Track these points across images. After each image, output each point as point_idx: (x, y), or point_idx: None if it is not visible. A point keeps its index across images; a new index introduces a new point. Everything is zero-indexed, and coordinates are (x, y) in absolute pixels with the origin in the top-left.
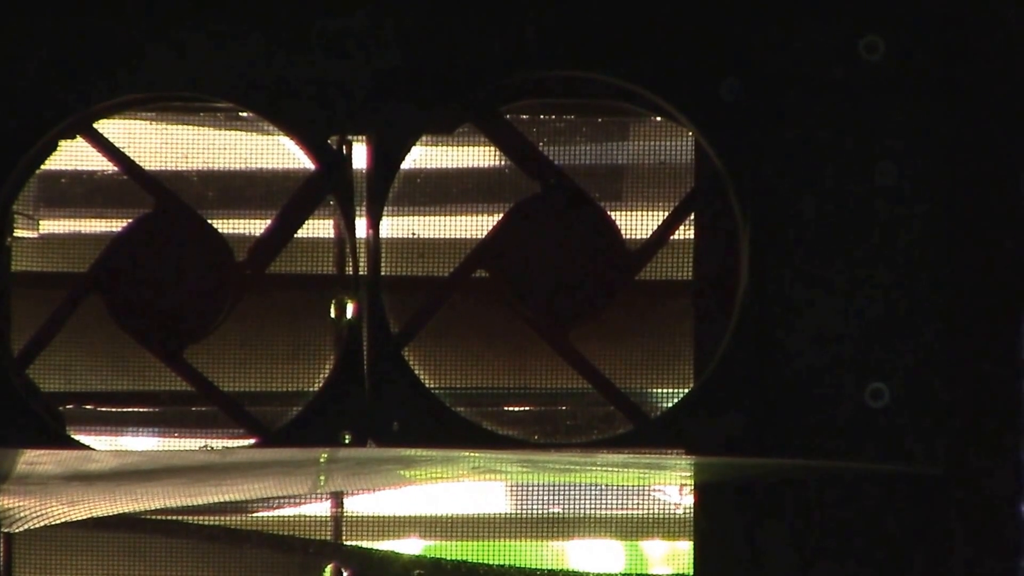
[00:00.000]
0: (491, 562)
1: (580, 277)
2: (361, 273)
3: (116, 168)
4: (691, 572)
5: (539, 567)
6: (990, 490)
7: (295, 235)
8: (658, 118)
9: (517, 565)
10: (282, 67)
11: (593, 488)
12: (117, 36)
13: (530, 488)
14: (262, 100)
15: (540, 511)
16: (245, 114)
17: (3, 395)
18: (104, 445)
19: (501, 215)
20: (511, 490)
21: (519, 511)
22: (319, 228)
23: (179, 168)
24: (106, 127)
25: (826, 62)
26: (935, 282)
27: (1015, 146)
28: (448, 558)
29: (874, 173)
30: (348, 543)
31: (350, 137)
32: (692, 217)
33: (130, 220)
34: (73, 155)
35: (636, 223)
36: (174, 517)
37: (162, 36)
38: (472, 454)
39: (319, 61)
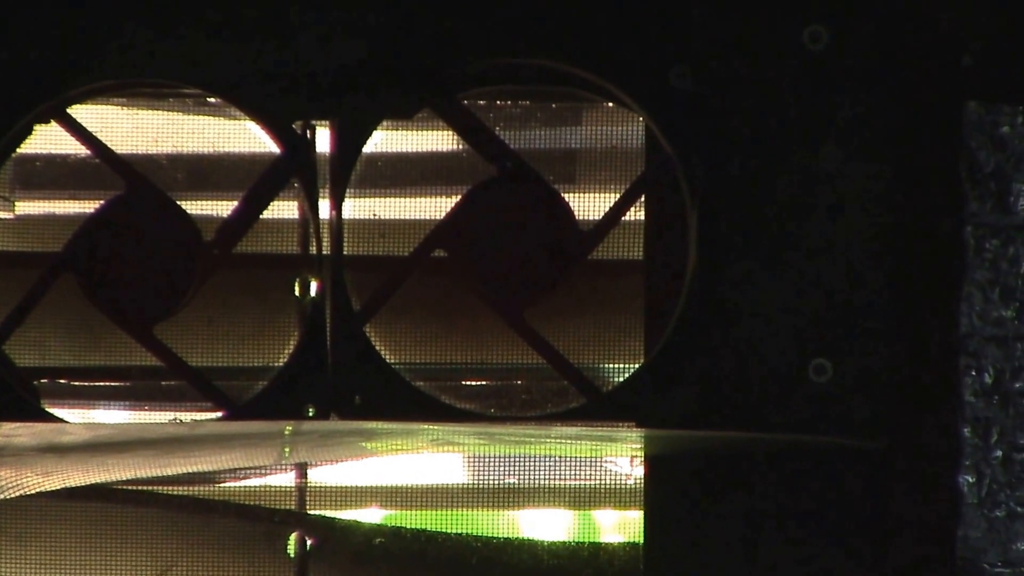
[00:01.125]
0: (449, 531)
1: (535, 256)
2: (324, 253)
3: (89, 152)
4: (641, 541)
5: (495, 536)
6: (929, 462)
7: (261, 216)
8: (610, 104)
9: (474, 534)
10: (249, 55)
11: (547, 460)
12: (90, 24)
13: (486, 460)
14: (229, 87)
15: (496, 482)
16: (213, 100)
17: None
18: (77, 418)
19: (459, 197)
20: (468, 462)
21: (476, 482)
22: (284, 209)
23: (149, 152)
24: (79, 112)
25: (772, 51)
26: (876, 262)
27: (953, 132)
28: (408, 527)
29: (819, 157)
30: (312, 512)
31: (314, 122)
32: (642, 199)
33: (102, 202)
34: (48, 139)
35: (588, 205)
36: (144, 487)
37: (133, 24)
38: (431, 427)
39: (285, 49)
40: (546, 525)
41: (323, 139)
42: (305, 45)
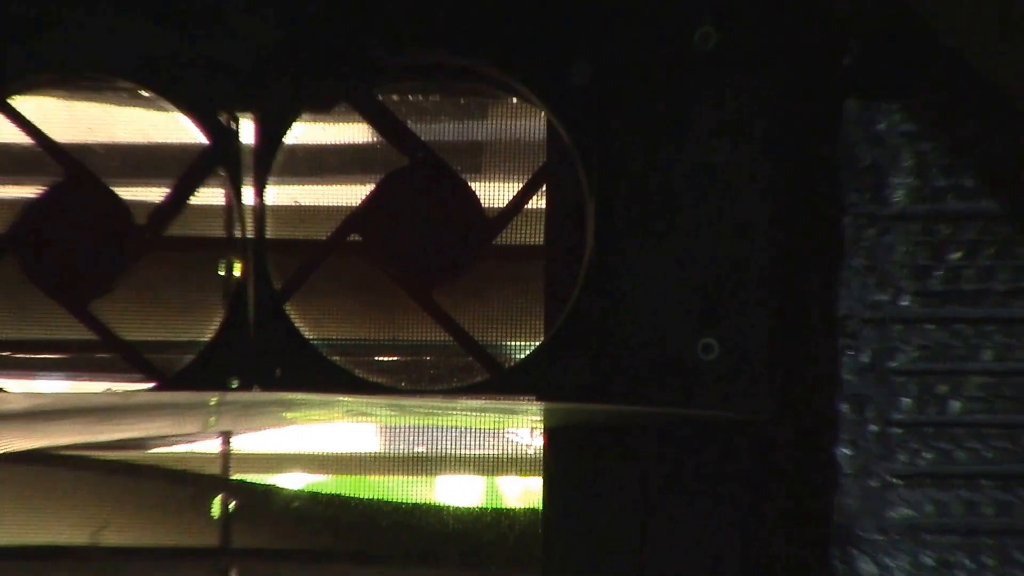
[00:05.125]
0: (361, 496)
1: (443, 241)
2: (248, 236)
3: (30, 140)
4: (540, 507)
5: (405, 501)
6: (809, 435)
7: (189, 202)
8: (514, 99)
9: (384, 499)
10: (179, 51)
11: (454, 430)
12: (29, 19)
13: (398, 430)
14: (160, 81)
15: (406, 451)
16: (145, 93)
17: None
18: (18, 388)
19: (373, 185)
20: (381, 431)
21: (388, 450)
22: (210, 196)
23: (86, 141)
24: (21, 103)
25: (665, 51)
26: (762, 249)
27: (833, 128)
28: (322, 492)
29: (709, 150)
30: (235, 477)
31: (238, 115)
32: (544, 188)
33: (43, 188)
34: None
35: (494, 193)
36: (79, 452)
37: (72, 19)
38: (346, 398)
39: (212, 46)
40: (455, 491)
41: (247, 131)
42: (231, 42)
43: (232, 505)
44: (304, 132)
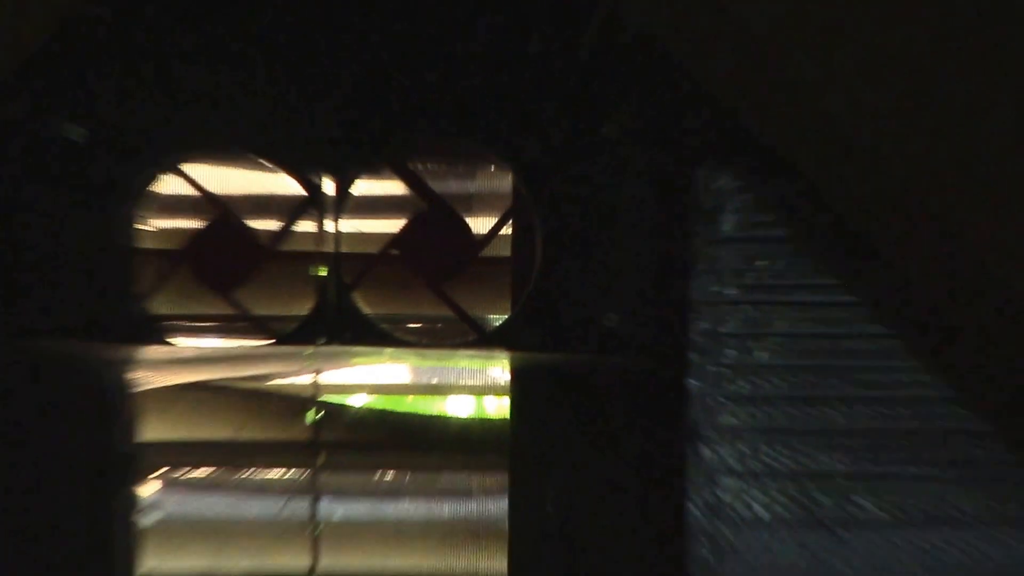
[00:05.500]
0: (398, 409)
1: (449, 254)
2: (329, 251)
3: (195, 192)
4: (509, 417)
5: (425, 412)
6: (673, 374)
7: (293, 230)
8: (492, 167)
9: (412, 411)
10: (285, 136)
11: (455, 369)
12: (190, 111)
13: (421, 369)
14: (275, 154)
15: (426, 381)
16: (265, 163)
17: (132, 322)
18: (190, 343)
19: (406, 220)
20: (411, 370)
21: (415, 381)
22: (306, 226)
23: (231, 193)
24: (188, 168)
25: (584, 136)
26: (646, 260)
27: (688, 186)
28: (373, 407)
29: (613, 198)
30: (321, 398)
31: (323, 176)
32: (511, 222)
33: (203, 222)
34: (173, 185)
35: (480, 225)
36: (225, 383)
37: (220, 118)
38: (389, 349)
39: (306, 134)
40: (456, 407)
41: (329, 186)
42: (318, 131)
43: (320, 414)
44: (363, 187)
